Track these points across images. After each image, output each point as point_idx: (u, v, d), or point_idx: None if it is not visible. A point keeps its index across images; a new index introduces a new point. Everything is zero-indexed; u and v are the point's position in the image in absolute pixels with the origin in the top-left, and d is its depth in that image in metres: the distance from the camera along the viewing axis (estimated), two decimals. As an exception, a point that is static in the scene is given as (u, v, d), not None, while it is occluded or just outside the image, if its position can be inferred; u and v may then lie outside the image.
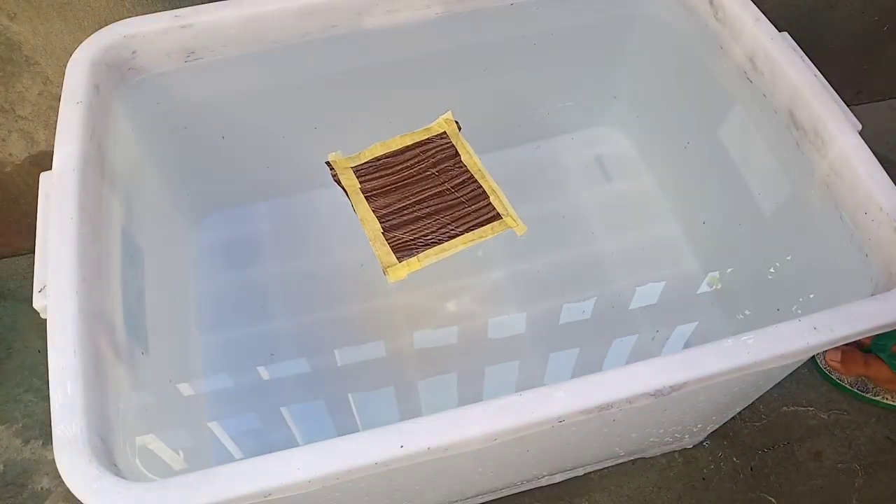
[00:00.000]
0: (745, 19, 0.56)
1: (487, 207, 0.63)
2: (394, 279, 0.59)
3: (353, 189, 0.64)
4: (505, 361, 0.68)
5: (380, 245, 0.61)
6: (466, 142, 0.67)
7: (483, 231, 0.62)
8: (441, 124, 0.68)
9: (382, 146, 0.67)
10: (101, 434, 0.39)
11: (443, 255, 0.61)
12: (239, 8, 0.56)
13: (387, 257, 0.60)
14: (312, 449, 0.37)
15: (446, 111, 0.68)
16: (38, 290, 0.44)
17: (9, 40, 0.64)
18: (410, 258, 0.60)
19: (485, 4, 0.62)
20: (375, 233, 0.62)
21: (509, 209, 0.63)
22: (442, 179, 0.65)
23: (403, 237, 0.62)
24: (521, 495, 0.70)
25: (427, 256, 0.61)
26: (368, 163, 0.66)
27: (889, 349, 0.70)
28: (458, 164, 0.66)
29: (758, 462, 0.72)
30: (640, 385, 0.40)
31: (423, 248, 0.61)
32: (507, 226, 0.62)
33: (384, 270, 0.59)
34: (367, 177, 0.65)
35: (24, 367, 0.78)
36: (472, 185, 0.65)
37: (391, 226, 0.62)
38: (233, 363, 0.67)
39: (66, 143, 0.48)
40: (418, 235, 0.62)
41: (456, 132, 0.68)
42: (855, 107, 0.98)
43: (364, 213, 0.63)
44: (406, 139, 0.67)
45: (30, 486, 0.71)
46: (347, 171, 0.65)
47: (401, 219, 0.63)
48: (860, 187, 0.48)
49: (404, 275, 0.60)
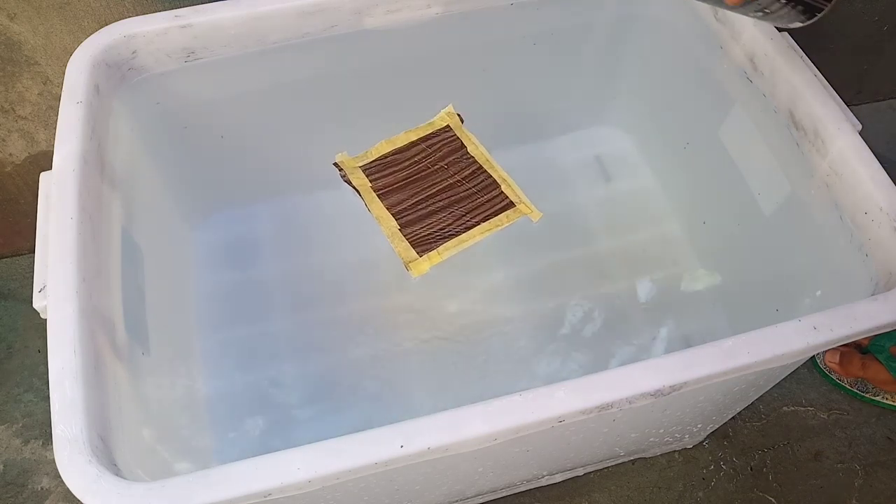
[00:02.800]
0: (745, 19, 0.56)
1: (500, 196, 0.63)
2: (417, 274, 0.59)
3: (364, 188, 0.64)
4: (505, 361, 0.68)
5: (398, 241, 0.61)
6: (471, 133, 0.68)
7: (499, 220, 0.62)
8: (443, 118, 0.68)
9: (388, 143, 0.67)
10: (101, 434, 0.39)
11: (462, 246, 0.61)
12: (239, 8, 0.56)
13: (407, 253, 0.60)
14: (312, 449, 0.37)
15: (447, 105, 0.68)
16: (38, 290, 0.44)
17: (9, 40, 0.64)
18: (430, 252, 0.60)
19: (485, 4, 0.62)
20: (392, 230, 0.62)
21: (522, 196, 0.63)
22: (451, 172, 0.65)
23: (421, 232, 0.62)
24: (521, 495, 0.70)
25: (447, 249, 0.61)
26: (376, 161, 0.66)
27: (887, 350, 0.70)
28: (465, 156, 0.66)
29: (758, 462, 0.72)
30: (640, 385, 0.40)
31: (442, 240, 0.61)
32: (522, 213, 0.62)
33: (406, 266, 0.59)
34: (376, 175, 0.65)
35: (24, 367, 0.77)
36: (482, 175, 0.65)
37: (407, 221, 0.62)
38: (233, 363, 0.67)
39: (66, 143, 0.48)
40: (436, 229, 0.62)
41: (459, 124, 0.68)
42: (855, 107, 0.98)
43: (379, 212, 0.63)
44: (411, 135, 0.67)
45: (30, 486, 0.71)
46: (356, 171, 0.65)
47: (416, 214, 0.63)
48: (860, 187, 0.48)
49: (427, 268, 0.60)
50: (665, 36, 0.68)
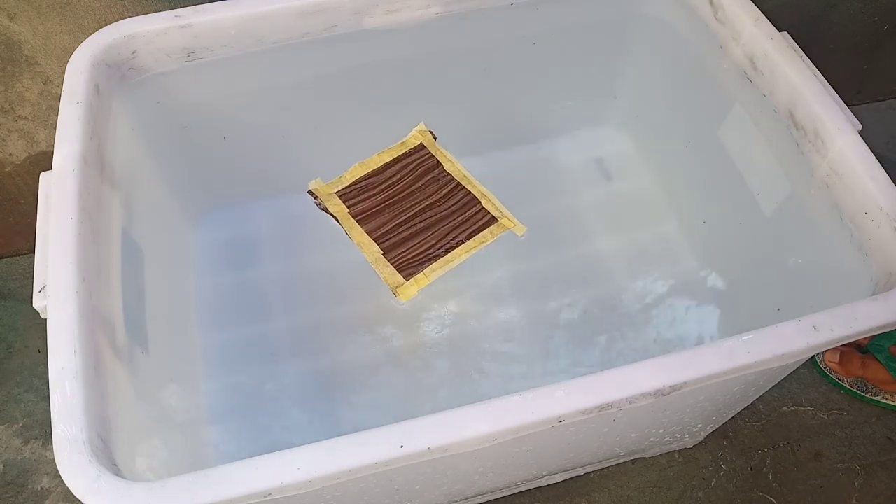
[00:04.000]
0: (745, 19, 0.56)
1: (481, 213, 0.62)
2: (405, 299, 0.59)
3: (342, 214, 0.63)
4: (505, 361, 0.68)
5: (383, 267, 0.60)
6: (445, 150, 0.66)
7: (483, 236, 0.62)
8: (416, 136, 0.67)
9: (362, 167, 0.66)
10: (101, 434, 0.39)
11: (448, 266, 0.60)
12: (239, 8, 0.56)
13: (393, 278, 0.59)
14: (312, 449, 0.38)
15: (418, 122, 0.67)
16: (38, 290, 0.44)
17: (9, 40, 0.64)
18: (417, 275, 0.60)
19: (485, 4, 0.62)
20: (376, 256, 0.61)
21: (503, 211, 0.62)
22: (429, 192, 0.64)
23: (405, 255, 0.61)
24: (521, 495, 0.70)
25: (433, 270, 0.60)
26: (351, 186, 0.65)
27: (887, 350, 0.70)
28: (442, 174, 0.65)
29: (757, 462, 0.72)
30: (640, 385, 0.40)
31: (428, 262, 0.61)
32: (505, 227, 0.61)
33: (394, 292, 0.59)
34: (353, 200, 0.64)
35: (24, 367, 0.78)
36: (461, 192, 0.64)
37: (390, 245, 0.62)
38: (233, 363, 0.67)
39: (66, 143, 0.48)
40: (420, 251, 0.61)
41: (432, 142, 0.67)
42: (855, 107, 0.98)
43: (359, 238, 0.62)
44: (384, 156, 0.66)
45: (30, 486, 0.71)
46: (332, 198, 0.64)
47: (398, 237, 0.62)
48: (860, 187, 0.48)
49: (415, 292, 0.59)
50: (665, 36, 0.68)
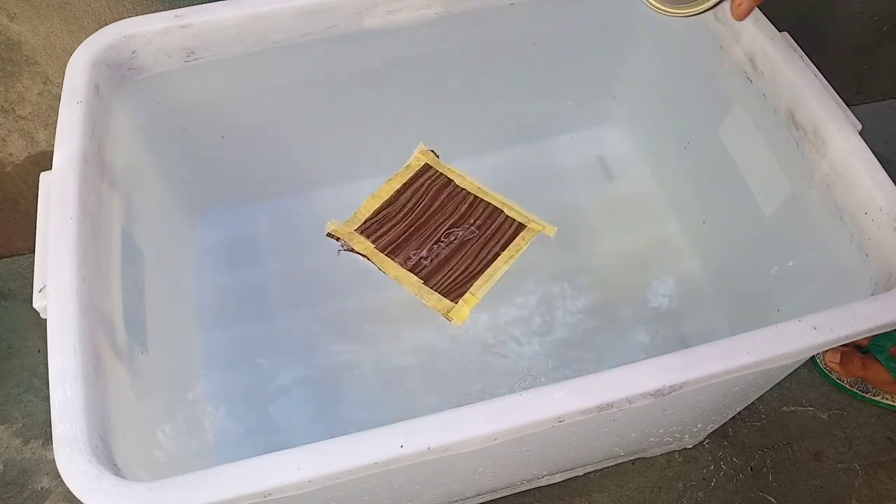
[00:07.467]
0: (745, 19, 0.56)
1: (507, 221, 0.61)
2: (460, 322, 0.57)
3: (370, 252, 0.62)
4: (504, 361, 0.68)
5: (427, 296, 0.59)
6: (451, 166, 0.66)
7: (517, 244, 0.61)
8: (418, 158, 0.66)
9: (374, 199, 0.65)
10: (101, 434, 0.39)
11: (492, 280, 0.59)
12: (239, 8, 0.56)
13: (440, 304, 0.58)
14: (312, 449, 0.38)
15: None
16: (38, 290, 0.44)
17: (9, 40, 0.64)
18: (465, 294, 0.59)
19: (485, 4, 0.62)
20: (417, 286, 0.60)
21: (529, 215, 0.61)
22: (449, 210, 0.63)
23: (447, 279, 0.60)
24: (521, 495, 0.70)
25: (479, 287, 0.59)
26: (369, 220, 0.64)
27: (887, 350, 0.70)
28: (456, 191, 0.64)
29: (757, 462, 0.72)
30: (640, 385, 0.40)
31: (471, 280, 0.59)
32: (536, 231, 0.60)
33: (446, 317, 0.57)
34: (376, 234, 0.63)
35: (24, 367, 0.77)
36: (481, 205, 0.63)
37: (428, 273, 0.60)
38: (233, 363, 0.67)
39: (66, 143, 0.48)
40: (460, 271, 0.60)
41: (436, 160, 0.66)
42: (855, 107, 0.98)
43: (395, 272, 0.61)
44: (394, 183, 0.65)
45: (30, 486, 0.71)
46: (354, 236, 0.63)
47: (433, 263, 0.61)
48: (860, 187, 0.48)
49: (468, 313, 0.58)
50: (665, 36, 0.68)
